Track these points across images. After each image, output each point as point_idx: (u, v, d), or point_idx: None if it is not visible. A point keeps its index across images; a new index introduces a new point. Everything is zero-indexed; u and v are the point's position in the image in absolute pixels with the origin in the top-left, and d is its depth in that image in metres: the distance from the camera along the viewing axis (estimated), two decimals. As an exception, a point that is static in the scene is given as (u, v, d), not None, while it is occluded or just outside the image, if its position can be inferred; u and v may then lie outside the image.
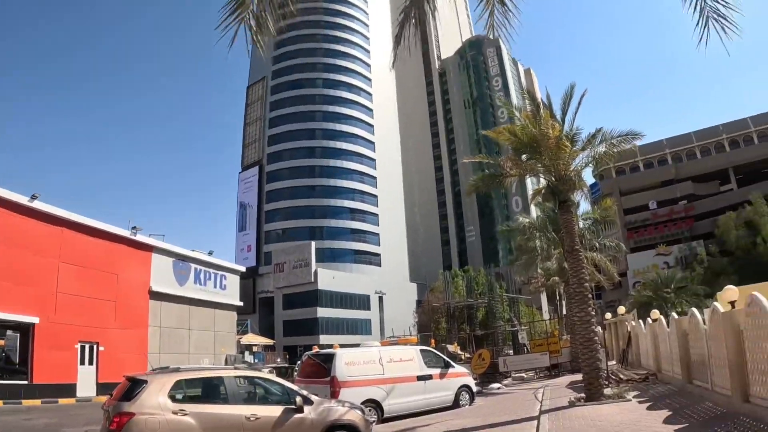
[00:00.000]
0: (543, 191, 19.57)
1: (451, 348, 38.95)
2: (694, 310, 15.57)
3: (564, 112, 18.60)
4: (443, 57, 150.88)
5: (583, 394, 16.84)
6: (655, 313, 21.54)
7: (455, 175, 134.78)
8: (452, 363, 21.52)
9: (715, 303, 13.07)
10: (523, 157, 19.31)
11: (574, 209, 19.87)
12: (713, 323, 12.93)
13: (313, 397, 10.97)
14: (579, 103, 18.56)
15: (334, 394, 16.46)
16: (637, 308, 39.95)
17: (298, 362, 31.85)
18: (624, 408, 14.31)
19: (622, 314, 30.61)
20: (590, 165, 19.59)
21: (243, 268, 51.63)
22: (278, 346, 74.58)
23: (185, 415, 9.21)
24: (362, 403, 16.45)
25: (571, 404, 15.99)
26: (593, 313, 17.74)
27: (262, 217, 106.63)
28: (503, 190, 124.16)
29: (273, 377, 11.96)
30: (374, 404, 17.30)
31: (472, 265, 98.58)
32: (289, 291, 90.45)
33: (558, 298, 58.47)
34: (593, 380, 16.40)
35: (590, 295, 17.77)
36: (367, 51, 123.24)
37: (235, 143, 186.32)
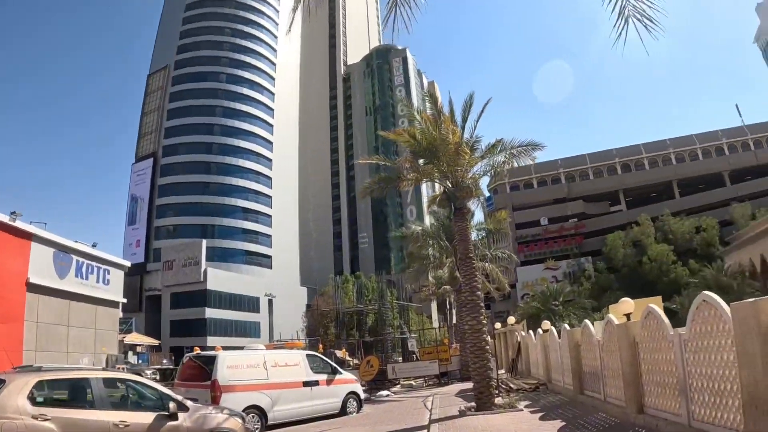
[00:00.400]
0: (439, 198, 19.11)
1: (339, 353, 38.18)
2: (587, 322, 15.54)
3: (464, 119, 18.29)
4: (350, 62, 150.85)
5: (473, 404, 16.52)
6: (546, 324, 21.57)
7: (351, 181, 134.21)
8: (340, 369, 20.73)
9: (610, 315, 13.04)
10: (421, 161, 18.81)
11: (470, 217, 19.44)
12: (607, 335, 12.88)
13: (189, 403, 10.05)
14: (481, 112, 18.34)
15: (214, 400, 15.41)
16: (526, 319, 40.35)
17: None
18: (516, 418, 14.01)
19: (512, 324, 30.75)
20: (489, 174, 19.29)
21: (128, 264, 48.85)
22: (164, 346, 71.38)
23: (46, 420, 8.06)
24: (245, 410, 15.53)
25: (462, 413, 15.62)
26: (485, 322, 17.50)
27: (153, 212, 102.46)
28: (398, 199, 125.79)
29: (146, 380, 10.85)
30: (258, 411, 16.32)
31: (363, 271, 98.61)
32: (178, 290, 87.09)
33: (448, 307, 58.86)
34: (484, 389, 16.10)
35: (482, 304, 17.54)
36: (274, 50, 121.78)
37: (131, 132, 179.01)
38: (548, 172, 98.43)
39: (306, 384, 18.23)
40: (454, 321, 48.82)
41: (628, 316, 11.70)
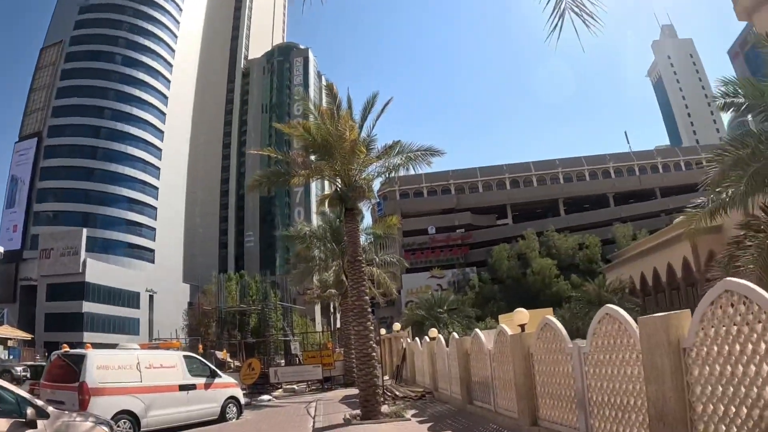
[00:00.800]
0: (330, 197, 18.33)
1: (220, 355, 36.82)
2: (478, 331, 15.33)
3: (364, 118, 17.74)
4: (250, 57, 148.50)
5: (358, 411, 15.97)
6: (434, 332, 21.31)
7: (241, 179, 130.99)
8: (219, 372, 19.56)
9: (502, 325, 12.76)
10: (313, 157, 18.11)
11: (360, 219, 18.89)
12: (500, 345, 12.66)
13: (51, 409, 8.97)
14: (381, 111, 17.82)
15: (82, 404, 14.04)
16: (410, 326, 40.23)
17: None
18: (403, 428, 13.54)
19: (397, 331, 30.46)
20: (384, 176, 18.65)
21: (0, 248, 45.71)
22: (38, 341, 66.43)
23: None
24: (116, 415, 14.36)
25: (347, 422, 15.04)
26: (371, 327, 16.99)
27: (34, 196, 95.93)
28: (287, 199, 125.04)
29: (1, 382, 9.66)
30: (130, 417, 14.94)
31: (248, 271, 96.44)
32: (55, 281, 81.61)
33: (333, 311, 58.23)
34: (370, 397, 15.58)
35: (369, 309, 17.07)
36: (175, 36, 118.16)
37: (17, 108, 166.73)
38: (439, 182, 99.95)
39: (183, 388, 16.93)
40: (338, 325, 48.23)
41: (522, 326, 11.43)
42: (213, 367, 19.62)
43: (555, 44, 5.44)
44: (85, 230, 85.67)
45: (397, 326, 30.66)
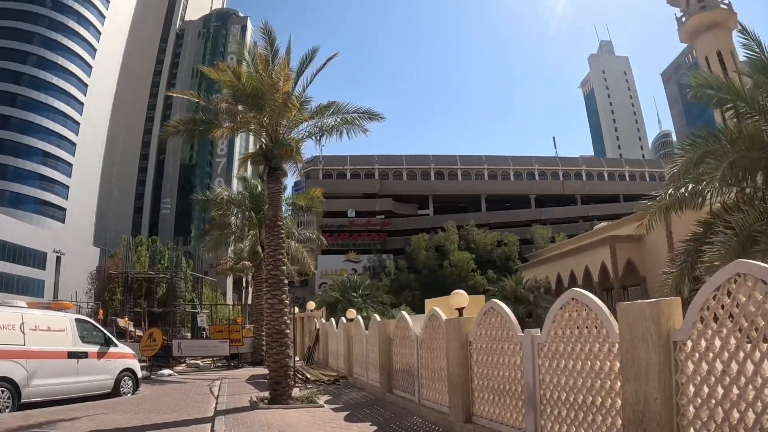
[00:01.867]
0: (254, 154, 16.60)
1: (121, 322, 34.45)
2: (404, 314, 14.06)
3: (301, 71, 16.00)
4: (187, 19, 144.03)
5: (267, 393, 14.48)
6: (352, 313, 20.18)
7: (163, 144, 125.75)
8: (115, 340, 17.63)
9: (436, 309, 11.49)
10: (241, 107, 16.31)
11: (284, 182, 17.19)
12: (431, 330, 11.39)
13: None
14: (323, 66, 16.05)
15: None
16: (323, 307, 39.06)
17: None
18: (316, 416, 12.16)
19: (312, 310, 29.04)
20: (314, 138, 16.94)
21: None
22: None
23: None
24: (-7, 383, 12.46)
25: (254, 405, 13.56)
26: (287, 302, 15.41)
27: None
28: (208, 169, 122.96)
29: None
30: (10, 385, 13.08)
31: (162, 239, 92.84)
32: None
33: (245, 285, 56.40)
34: (281, 379, 14.10)
35: (285, 281, 15.37)
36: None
37: None
38: (364, 165, 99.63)
39: (72, 355, 14.98)
40: (250, 301, 46.50)
41: (460, 310, 10.25)
42: (108, 334, 17.60)
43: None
44: None
45: (311, 305, 29.23)
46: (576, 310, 6.89)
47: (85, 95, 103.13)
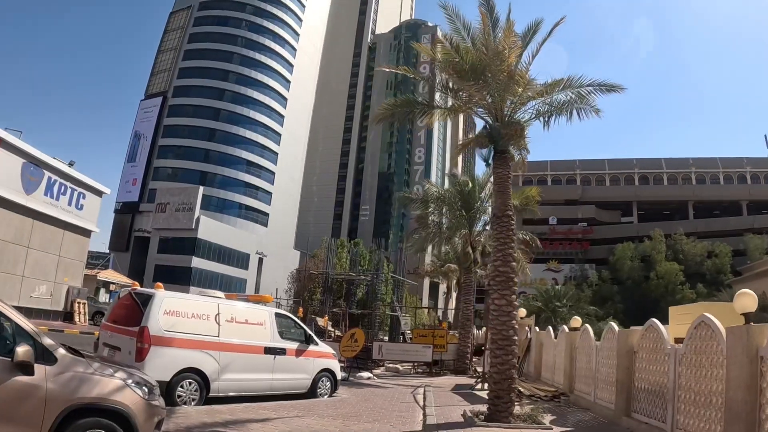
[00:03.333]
0: (477, 136, 14.52)
1: (321, 321, 33.54)
2: (655, 320, 11.38)
3: (527, 40, 13.85)
4: (377, 32, 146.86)
5: (482, 408, 12.41)
6: (577, 321, 17.75)
7: (362, 153, 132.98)
8: (315, 338, 15.89)
9: (707, 315, 8.97)
10: (454, 86, 14.37)
11: (512, 166, 14.76)
12: (697, 342, 8.97)
13: (61, 352, 6.07)
14: (549, 33, 13.79)
15: (140, 353, 11.33)
16: (533, 315, 36.84)
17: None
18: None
19: (522, 318, 26.66)
20: (542, 119, 14.62)
21: (107, 190, 44.17)
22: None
23: None
24: (181, 373, 11.63)
25: (469, 421, 11.51)
26: (516, 303, 13.20)
27: (155, 152, 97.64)
28: (406, 177, 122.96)
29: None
30: (199, 376, 12.13)
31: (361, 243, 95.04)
32: (167, 234, 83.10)
33: (446, 291, 55.03)
34: (503, 393, 11.85)
35: (515, 279, 13.13)
36: (303, 5, 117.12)
37: (143, 69, 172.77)
38: (564, 171, 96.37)
39: (269, 351, 13.88)
40: (452, 306, 44.98)
41: (746, 315, 7.73)
42: (309, 331, 16.02)
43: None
44: (201, 188, 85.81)
45: (522, 312, 26.75)
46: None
47: (284, 108, 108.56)
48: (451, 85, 14.51)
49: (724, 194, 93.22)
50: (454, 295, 46.49)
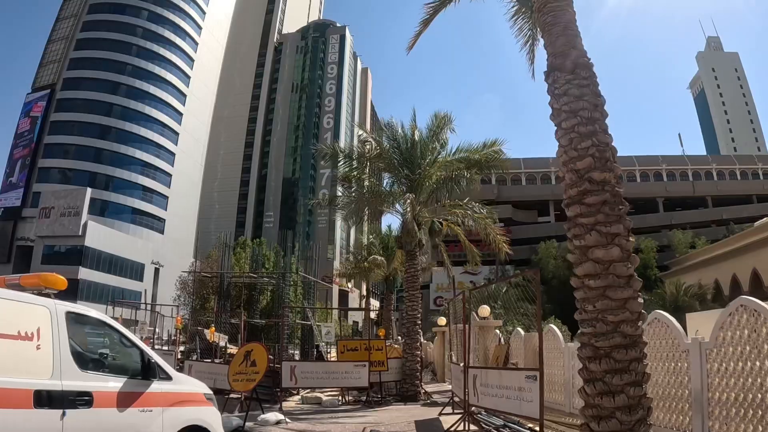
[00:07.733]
0: None
1: (207, 334, 25.28)
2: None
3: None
4: (285, 31, 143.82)
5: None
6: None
7: (265, 157, 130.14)
8: (167, 369, 7.01)
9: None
10: None
11: None
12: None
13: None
14: None
15: None
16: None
17: None
18: None
19: (486, 317, 20.10)
20: None
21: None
22: None
23: None
24: None
25: None
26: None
27: (40, 151, 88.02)
28: (311, 183, 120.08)
29: None
30: None
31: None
32: (52, 242, 76.14)
33: (367, 295, 49.96)
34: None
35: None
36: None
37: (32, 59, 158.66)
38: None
39: (47, 400, 5.36)
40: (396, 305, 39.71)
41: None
42: (151, 354, 6.92)
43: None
44: (89, 190, 79.05)
45: (485, 310, 20.04)
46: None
47: (183, 105, 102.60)
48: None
49: (641, 191, 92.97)
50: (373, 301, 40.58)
